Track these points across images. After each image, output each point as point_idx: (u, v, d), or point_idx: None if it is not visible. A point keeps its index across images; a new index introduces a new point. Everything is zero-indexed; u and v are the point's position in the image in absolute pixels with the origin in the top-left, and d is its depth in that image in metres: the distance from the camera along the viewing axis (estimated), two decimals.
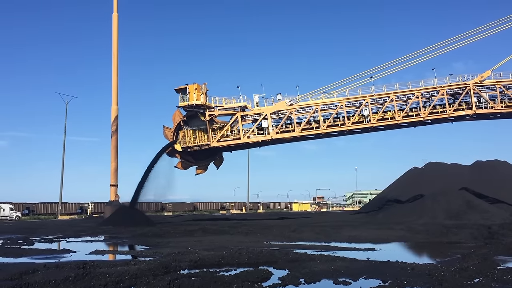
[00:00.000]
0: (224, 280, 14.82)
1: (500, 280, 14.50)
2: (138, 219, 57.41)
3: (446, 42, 61.14)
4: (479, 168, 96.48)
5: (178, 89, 61.98)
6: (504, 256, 21.68)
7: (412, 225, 43.72)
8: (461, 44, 61.09)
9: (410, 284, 14.05)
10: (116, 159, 74.44)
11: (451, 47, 61.21)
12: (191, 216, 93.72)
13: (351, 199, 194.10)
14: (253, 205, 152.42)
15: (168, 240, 33.74)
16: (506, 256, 21.75)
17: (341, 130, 63.37)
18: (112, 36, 77.62)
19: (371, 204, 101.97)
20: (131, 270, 16.35)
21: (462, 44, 61.09)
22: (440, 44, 61.17)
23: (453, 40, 61.04)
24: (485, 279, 14.64)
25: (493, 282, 14.20)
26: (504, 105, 61.31)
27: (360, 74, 61.91)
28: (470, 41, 60.98)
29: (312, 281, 15.25)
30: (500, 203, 66.47)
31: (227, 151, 68.74)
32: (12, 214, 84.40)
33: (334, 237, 33.66)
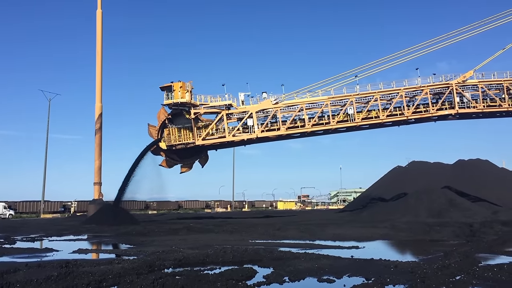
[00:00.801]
0: (209, 278, 14.79)
1: (481, 277, 14.73)
2: (122, 217, 56.99)
3: (430, 42, 61.99)
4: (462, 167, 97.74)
5: (163, 87, 61.63)
6: (485, 253, 22.03)
7: (395, 223, 44.10)
8: (445, 44, 61.96)
9: (393, 281, 14.19)
10: (100, 157, 73.80)
11: (435, 47, 62.06)
12: (176, 215, 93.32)
13: (336, 198, 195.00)
14: (238, 203, 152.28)
15: (152, 238, 33.59)
16: (487, 253, 22.11)
17: (326, 128, 63.69)
18: (96, 33, 76.87)
19: (356, 202, 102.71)
20: (114, 269, 16.22)
21: (446, 44, 61.97)
22: (424, 44, 61.98)
23: (437, 40, 61.90)
24: (466, 276, 14.86)
25: (474, 279, 14.43)
26: (486, 104, 62.25)
27: (345, 73, 62.42)
28: (454, 41, 61.89)
29: (296, 279, 15.32)
30: (482, 202, 67.44)
31: (212, 149, 68.65)
32: (5, 212, 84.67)
33: (318, 235, 33.84)
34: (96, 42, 76.81)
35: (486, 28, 61.58)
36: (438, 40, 61.72)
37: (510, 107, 62.30)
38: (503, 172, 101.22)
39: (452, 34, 61.72)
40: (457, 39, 61.77)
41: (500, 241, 28.94)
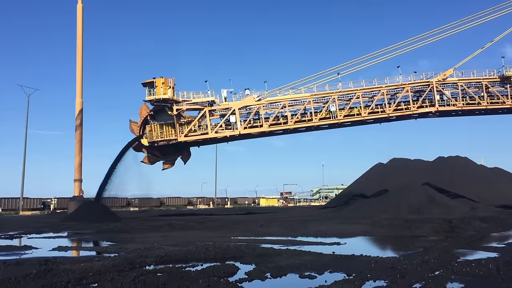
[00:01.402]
0: (191, 275, 14.73)
1: (460, 273, 14.97)
2: (103, 214, 56.37)
3: (412, 40, 62.61)
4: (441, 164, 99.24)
5: (145, 83, 61.13)
6: (463, 249, 22.41)
7: (376, 219, 44.53)
8: (426, 42, 62.78)
9: (374, 277, 14.33)
10: (80, 154, 72.81)
11: (416, 45, 62.82)
12: (157, 212, 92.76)
13: (318, 194, 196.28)
14: (221, 200, 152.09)
15: (133, 235, 33.32)
16: (465, 249, 22.49)
17: (308, 125, 64.00)
18: (77, 27, 75.68)
19: (337, 199, 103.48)
20: (95, 267, 16.04)
21: (427, 42, 62.82)
22: (406, 42, 62.65)
23: (418, 38, 62.60)
24: (445, 272, 15.08)
25: (452, 275, 14.65)
26: (465, 102, 63.28)
27: (328, 70, 62.74)
28: (435, 39, 62.76)
29: (278, 275, 15.37)
30: (461, 198, 68.63)
31: (194, 146, 68.37)
32: None
33: (300, 232, 33.98)
34: (76, 37, 75.71)
35: (466, 27, 62.68)
36: (419, 38, 62.57)
37: (488, 105, 63.46)
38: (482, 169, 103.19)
39: (433, 32, 62.65)
40: (438, 37, 62.74)
41: (478, 237, 29.44)
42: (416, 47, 62.87)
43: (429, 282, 13.41)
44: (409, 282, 13.44)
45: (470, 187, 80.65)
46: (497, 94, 63.61)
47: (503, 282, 13.29)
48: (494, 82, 63.77)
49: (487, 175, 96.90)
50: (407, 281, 13.55)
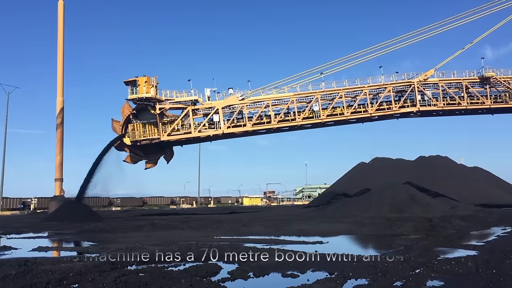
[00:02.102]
0: (173, 275, 14.67)
1: (440, 271, 15.18)
2: (84, 214, 55.70)
3: (394, 40, 63.26)
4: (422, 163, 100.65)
5: (127, 82, 60.61)
6: (443, 247, 22.72)
7: (359, 218, 44.91)
8: (408, 42, 63.45)
9: (355, 275, 14.46)
10: (61, 153, 71.91)
11: (399, 45, 63.47)
12: (140, 211, 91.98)
13: (301, 193, 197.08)
14: (204, 199, 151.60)
15: (115, 235, 33.00)
16: (445, 247, 22.81)
17: (291, 125, 64.22)
18: (58, 25, 74.68)
19: (320, 198, 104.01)
20: (76, 267, 15.84)
21: (409, 43, 63.48)
22: (389, 42, 63.28)
23: (401, 39, 63.28)
24: (425, 270, 15.29)
25: (433, 273, 14.86)
26: (446, 103, 64.16)
27: (311, 70, 63.07)
28: (417, 40, 63.55)
29: (261, 274, 15.40)
30: (441, 197, 69.67)
31: (177, 145, 68.06)
32: None
33: (283, 231, 34.06)
34: (57, 34, 74.68)
35: (447, 28, 63.63)
36: (402, 38, 63.25)
37: (468, 106, 64.43)
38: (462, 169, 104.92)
39: (415, 33, 63.41)
40: (420, 38, 63.57)
41: (458, 235, 29.90)
42: (398, 47, 63.70)
43: (409, 280, 13.58)
44: (390, 280, 13.60)
45: (451, 186, 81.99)
46: (477, 94, 64.64)
47: (482, 280, 13.51)
48: (474, 82, 64.81)
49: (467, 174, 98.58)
50: (388, 279, 13.71)
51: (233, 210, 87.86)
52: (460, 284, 13.28)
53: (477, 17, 63.73)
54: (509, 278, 13.45)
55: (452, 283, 13.35)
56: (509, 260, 17.10)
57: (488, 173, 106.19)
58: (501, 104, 64.75)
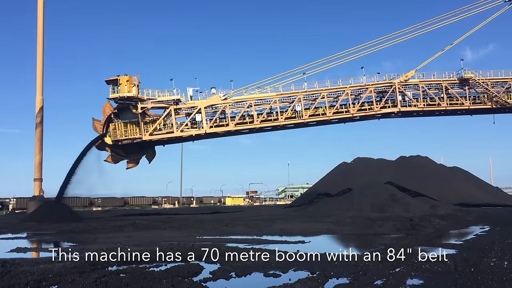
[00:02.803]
0: (154, 275, 14.58)
1: (419, 269, 15.41)
2: (64, 214, 54.98)
3: (376, 41, 63.86)
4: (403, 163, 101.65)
5: (108, 81, 59.95)
6: (423, 246, 23.02)
7: (340, 218, 45.23)
8: (389, 43, 64.12)
9: (337, 274, 14.57)
10: (40, 152, 70.86)
11: (380, 47, 64.13)
12: (121, 211, 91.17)
13: (284, 193, 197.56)
14: (186, 199, 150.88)
15: (96, 236, 32.64)
16: (425, 246, 23.11)
17: (274, 125, 64.34)
18: (37, 22, 73.57)
19: (303, 198, 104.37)
20: (55, 268, 15.64)
21: (390, 44, 64.16)
22: (372, 42, 63.87)
23: (382, 40, 63.93)
24: (405, 268, 15.49)
25: (412, 271, 15.07)
26: (426, 103, 65.00)
27: (294, 70, 63.23)
28: (398, 41, 64.28)
29: (243, 274, 15.41)
30: (421, 196, 70.54)
31: (159, 144, 67.63)
32: None
33: (266, 231, 34.11)
34: (37, 32, 73.57)
35: (428, 30, 64.56)
36: (383, 39, 63.89)
37: (448, 106, 65.41)
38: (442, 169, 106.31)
39: (396, 34, 64.12)
40: (401, 39, 64.32)
41: (437, 234, 30.36)
42: (380, 48, 64.35)
43: (390, 279, 13.75)
44: (371, 279, 13.74)
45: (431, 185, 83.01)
46: (456, 95, 65.63)
47: (460, 278, 13.75)
48: (454, 83, 65.81)
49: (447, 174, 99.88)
50: (369, 278, 13.85)
51: (216, 210, 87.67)
52: (439, 282, 13.47)
53: (457, 18, 64.84)
54: (486, 276, 13.71)
55: (431, 282, 13.54)
56: (486, 258, 17.44)
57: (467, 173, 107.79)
58: (480, 105, 65.88)
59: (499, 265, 15.88)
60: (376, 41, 63.79)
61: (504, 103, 64.78)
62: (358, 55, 63.69)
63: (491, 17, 66.31)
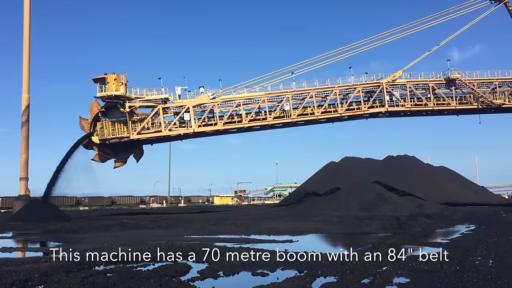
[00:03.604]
0: (142, 275, 14.49)
1: (406, 268, 15.54)
2: (50, 214, 54.35)
3: (364, 41, 64.23)
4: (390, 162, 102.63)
5: (96, 79, 59.48)
6: (410, 245, 23.21)
7: (328, 217, 45.42)
8: (377, 44, 64.58)
9: (324, 273, 14.63)
10: (26, 151, 70.04)
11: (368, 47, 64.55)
12: (109, 211, 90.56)
13: (272, 192, 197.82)
14: (174, 198, 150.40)
15: (83, 235, 32.39)
16: (412, 245, 23.31)
17: (262, 124, 64.35)
18: (24, 20, 72.70)
19: (291, 197, 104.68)
20: (41, 268, 15.47)
21: (378, 44, 64.61)
22: (360, 42, 64.23)
23: (370, 40, 64.37)
24: (392, 267, 15.60)
25: (399, 270, 15.18)
26: (413, 103, 65.52)
27: (282, 69, 63.32)
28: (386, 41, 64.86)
29: (231, 273, 15.40)
30: (408, 196, 71.16)
31: (147, 143, 67.29)
32: None
33: (254, 230, 34.13)
34: (23, 29, 72.70)
35: (415, 30, 65.20)
36: (372, 39, 64.30)
37: (435, 107, 65.99)
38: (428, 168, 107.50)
39: (385, 34, 64.59)
40: (389, 39, 64.84)
41: (424, 233, 30.63)
42: (368, 48, 64.75)
43: (377, 277, 13.84)
44: (358, 278, 13.82)
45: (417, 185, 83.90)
46: (443, 95, 66.23)
47: (446, 276, 13.89)
48: (440, 84, 66.41)
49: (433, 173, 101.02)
50: (356, 277, 13.93)
51: (204, 209, 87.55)
52: (426, 280, 13.60)
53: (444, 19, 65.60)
54: (472, 275, 13.87)
55: (417, 280, 13.66)
56: (472, 257, 17.65)
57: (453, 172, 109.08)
58: (466, 106, 66.57)
59: (484, 264, 16.08)
60: (365, 41, 64.28)
61: (489, 104, 65.53)
62: (347, 55, 64.13)
63: (477, 18, 67.24)
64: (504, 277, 13.55)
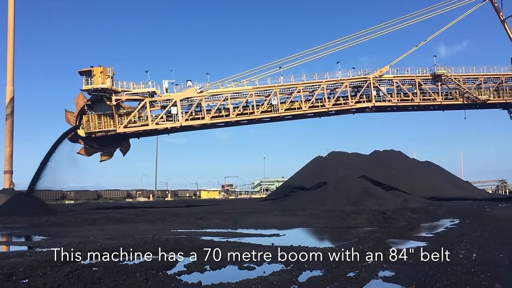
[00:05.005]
0: (128, 269, 14.43)
1: (391, 261, 15.68)
2: (35, 207, 53.93)
3: (352, 36, 64.33)
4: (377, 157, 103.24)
5: (82, 72, 58.83)
6: (395, 239, 23.49)
7: (315, 211, 45.66)
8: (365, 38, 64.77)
9: (310, 267, 14.72)
10: (11, 144, 69.05)
11: (355, 41, 64.64)
12: (94, 205, 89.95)
13: (259, 187, 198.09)
14: (161, 192, 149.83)
15: (68, 229, 32.17)
16: (397, 239, 23.58)
17: (250, 118, 64.29)
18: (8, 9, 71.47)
19: (278, 191, 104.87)
20: (26, 262, 15.32)
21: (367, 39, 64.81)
22: (346, 38, 64.27)
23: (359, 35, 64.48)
24: (377, 260, 15.74)
25: (384, 263, 15.33)
26: (400, 98, 65.97)
27: (270, 64, 63.22)
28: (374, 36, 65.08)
29: (218, 267, 15.41)
30: (394, 190, 71.76)
31: (134, 137, 66.87)
32: None
33: (241, 224, 34.20)
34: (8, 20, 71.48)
35: (403, 26, 65.55)
36: (360, 34, 64.42)
37: (421, 102, 66.54)
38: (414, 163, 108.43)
39: (372, 29, 64.83)
40: (377, 34, 65.16)
41: (409, 227, 30.96)
42: (356, 43, 64.86)
43: (362, 271, 13.97)
44: (344, 271, 13.93)
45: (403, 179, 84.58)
46: (429, 91, 66.79)
47: (430, 270, 14.06)
48: (427, 79, 66.94)
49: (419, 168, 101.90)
50: (342, 270, 14.04)
51: (191, 203, 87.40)
52: (410, 274, 13.75)
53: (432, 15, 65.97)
54: (455, 268, 14.06)
55: (402, 273, 13.81)
56: (456, 251, 17.88)
57: (438, 167, 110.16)
58: (451, 101, 67.24)
59: (467, 257, 16.30)
60: (353, 35, 64.37)
61: (474, 99, 66.26)
62: (335, 49, 64.18)
63: (464, 14, 67.81)
64: (487, 270, 13.76)
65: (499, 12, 70.80)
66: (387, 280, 13.10)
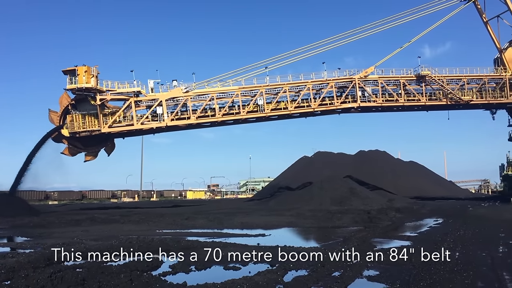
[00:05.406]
0: (112, 270, 14.31)
1: (376, 261, 15.80)
2: (18, 208, 53.00)
3: (339, 36, 64.52)
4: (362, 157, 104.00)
5: (66, 71, 58.05)
6: (380, 238, 23.68)
7: (301, 211, 45.80)
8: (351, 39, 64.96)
9: (296, 267, 14.76)
10: None
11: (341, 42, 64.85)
12: (79, 205, 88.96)
13: (245, 187, 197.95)
14: (146, 193, 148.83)
15: (52, 230, 31.77)
16: (381, 238, 23.78)
17: (236, 118, 64.16)
18: None
19: (264, 191, 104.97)
20: (7, 263, 15.09)
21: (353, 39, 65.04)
22: (333, 38, 64.40)
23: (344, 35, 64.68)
24: (362, 260, 15.85)
25: (369, 263, 15.44)
26: (385, 99, 66.45)
27: (256, 64, 63.12)
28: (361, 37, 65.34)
29: (203, 267, 15.38)
30: (379, 190, 72.42)
31: (119, 137, 66.25)
32: None
33: (226, 224, 34.16)
34: None
35: (388, 27, 65.92)
36: (346, 35, 64.60)
37: (405, 102, 67.07)
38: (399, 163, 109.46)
39: (358, 30, 65.07)
40: (362, 35, 65.35)
41: (393, 227, 31.25)
42: (342, 43, 65.04)
43: (347, 270, 14.05)
44: (329, 271, 14.00)
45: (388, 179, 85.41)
46: (413, 92, 67.35)
47: (414, 269, 14.21)
48: (411, 80, 67.45)
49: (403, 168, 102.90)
50: (327, 270, 14.11)
51: (176, 204, 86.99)
52: (394, 273, 13.88)
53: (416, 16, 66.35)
54: (439, 267, 14.23)
55: (387, 272, 13.93)
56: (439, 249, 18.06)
57: (422, 167, 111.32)
58: (435, 102, 67.88)
59: (451, 256, 16.48)
60: (338, 36, 64.58)
61: (458, 100, 67.02)
62: (321, 50, 64.28)
63: (447, 15, 68.51)
64: (470, 269, 13.96)
65: (482, 14, 71.79)
66: (371, 279, 13.20)
